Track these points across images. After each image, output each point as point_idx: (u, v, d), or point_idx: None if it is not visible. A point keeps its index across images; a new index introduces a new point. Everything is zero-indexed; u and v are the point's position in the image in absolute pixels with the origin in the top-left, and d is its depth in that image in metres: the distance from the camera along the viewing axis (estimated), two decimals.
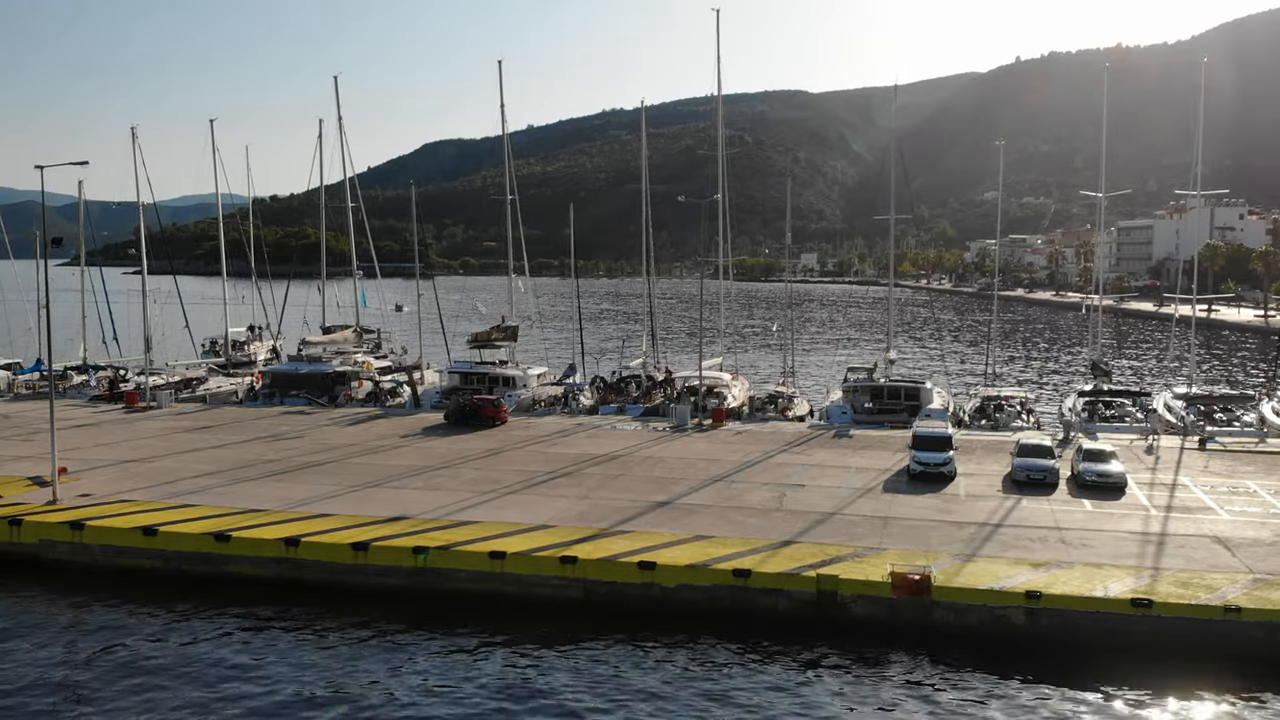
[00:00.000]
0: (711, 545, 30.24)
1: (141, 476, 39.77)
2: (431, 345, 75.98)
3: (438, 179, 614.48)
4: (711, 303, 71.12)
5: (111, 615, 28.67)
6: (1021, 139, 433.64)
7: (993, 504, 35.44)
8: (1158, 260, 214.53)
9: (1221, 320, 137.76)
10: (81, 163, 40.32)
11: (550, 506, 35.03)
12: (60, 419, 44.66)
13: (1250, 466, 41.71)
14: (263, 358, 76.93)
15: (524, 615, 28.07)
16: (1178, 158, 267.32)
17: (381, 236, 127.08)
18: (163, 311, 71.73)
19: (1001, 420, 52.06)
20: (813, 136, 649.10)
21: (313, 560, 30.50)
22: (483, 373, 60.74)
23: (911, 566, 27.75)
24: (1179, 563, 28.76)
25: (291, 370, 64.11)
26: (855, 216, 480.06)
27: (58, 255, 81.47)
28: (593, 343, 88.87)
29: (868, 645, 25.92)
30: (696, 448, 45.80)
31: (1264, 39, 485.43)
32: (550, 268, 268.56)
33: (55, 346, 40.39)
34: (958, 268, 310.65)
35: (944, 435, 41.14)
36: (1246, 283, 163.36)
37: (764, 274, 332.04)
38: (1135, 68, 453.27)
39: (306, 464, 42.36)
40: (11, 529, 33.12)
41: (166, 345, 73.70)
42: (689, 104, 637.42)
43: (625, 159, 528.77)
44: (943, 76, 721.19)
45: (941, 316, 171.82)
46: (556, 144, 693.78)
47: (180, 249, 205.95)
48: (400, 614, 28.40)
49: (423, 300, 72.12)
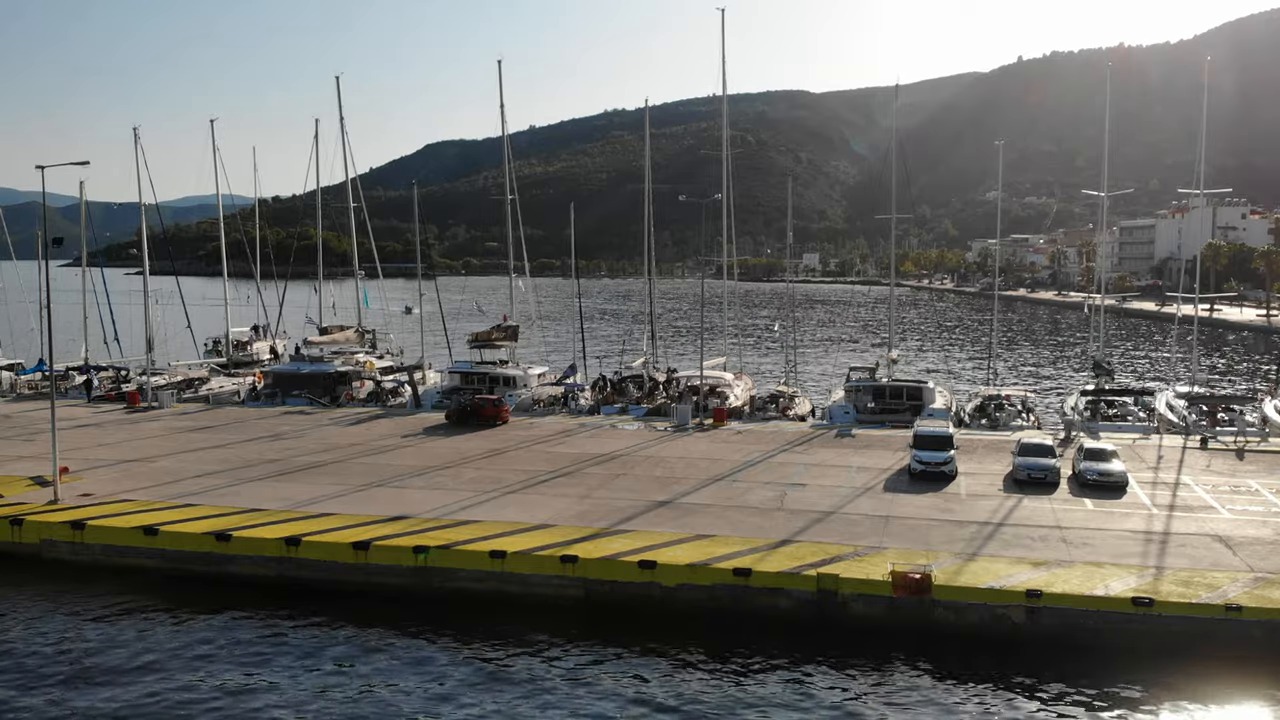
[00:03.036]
0: (712, 544, 30.23)
1: (143, 476, 39.80)
2: (433, 345, 76.03)
3: (440, 179, 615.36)
4: (715, 302, 71.22)
5: (112, 615, 28.68)
6: (1024, 139, 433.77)
7: (994, 503, 35.40)
8: (1160, 260, 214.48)
9: (1224, 320, 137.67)
10: (82, 163, 40.33)
11: (551, 506, 35.03)
12: (62, 419, 44.75)
13: (1253, 466, 41.66)
14: (267, 357, 77.05)
15: (525, 614, 28.06)
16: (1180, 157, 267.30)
17: (384, 237, 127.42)
18: (164, 312, 71.85)
19: (1002, 419, 52.00)
20: (814, 136, 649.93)
21: (314, 560, 30.51)
22: (484, 373, 60.76)
23: (912, 565, 27.73)
24: (1180, 561, 28.72)
25: (293, 370, 64.17)
26: (857, 216, 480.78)
27: (60, 256, 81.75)
28: (594, 343, 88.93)
29: (868, 644, 25.89)
30: (698, 447, 45.79)
31: (1266, 38, 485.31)
32: (552, 268, 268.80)
33: (57, 347, 40.39)
34: (960, 267, 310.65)
35: (945, 434, 41.11)
36: (1249, 282, 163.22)
37: (766, 274, 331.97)
38: (1137, 67, 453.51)
39: (308, 464, 42.38)
40: (13, 528, 33.17)
41: (168, 346, 73.79)
42: (691, 104, 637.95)
43: (627, 159, 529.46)
44: (944, 76, 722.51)
45: (943, 316, 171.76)
46: (559, 144, 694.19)
47: (183, 249, 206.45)
48: (401, 613, 28.41)
49: (429, 301, 72.11)
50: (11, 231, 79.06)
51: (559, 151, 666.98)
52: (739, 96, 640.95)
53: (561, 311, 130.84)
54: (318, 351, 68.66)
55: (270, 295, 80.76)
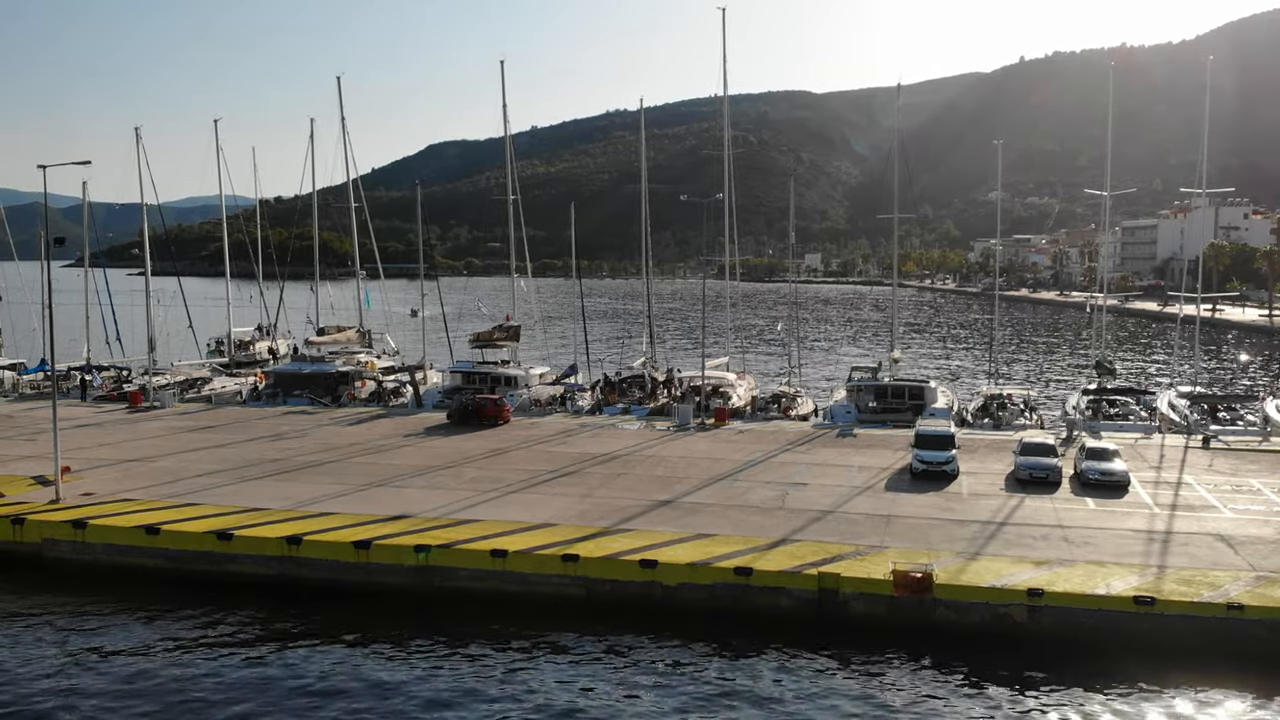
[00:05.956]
0: (713, 544, 30.21)
1: (144, 476, 39.81)
2: (434, 345, 76.05)
3: (442, 180, 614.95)
4: (718, 303, 71.16)
5: (113, 614, 28.69)
6: (1026, 139, 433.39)
7: (995, 502, 35.37)
8: (1162, 260, 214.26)
9: (1226, 320, 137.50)
10: (84, 162, 40.41)
11: (552, 505, 35.01)
12: (63, 419, 44.76)
13: (1254, 465, 41.61)
14: (266, 357, 77.08)
15: (526, 613, 28.06)
16: (1183, 157, 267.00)
17: (386, 237, 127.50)
18: (166, 312, 71.89)
19: (1004, 419, 51.97)
20: (816, 137, 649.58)
21: (315, 559, 30.51)
22: (485, 372, 60.76)
23: (913, 565, 27.70)
24: (1182, 560, 28.69)
25: (295, 370, 64.22)
26: (859, 217, 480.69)
27: (62, 256, 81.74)
28: (595, 343, 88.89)
29: (869, 643, 25.86)
30: (699, 447, 45.77)
31: (1268, 39, 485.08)
32: (554, 268, 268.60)
33: (59, 348, 40.41)
34: (961, 268, 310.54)
35: (946, 434, 41.09)
36: (1251, 282, 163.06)
37: (768, 274, 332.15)
38: (1140, 67, 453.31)
39: (309, 463, 42.38)
40: (14, 528, 33.17)
41: (170, 346, 73.81)
42: (692, 105, 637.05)
43: (629, 159, 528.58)
44: (946, 76, 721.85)
45: (945, 316, 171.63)
46: (560, 145, 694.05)
47: (185, 250, 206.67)
48: (402, 612, 28.41)
49: (432, 303, 72.10)
50: (13, 232, 79.10)
51: (561, 152, 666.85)
52: (740, 97, 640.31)
53: (563, 312, 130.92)
54: (316, 352, 68.68)
55: (272, 295, 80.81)
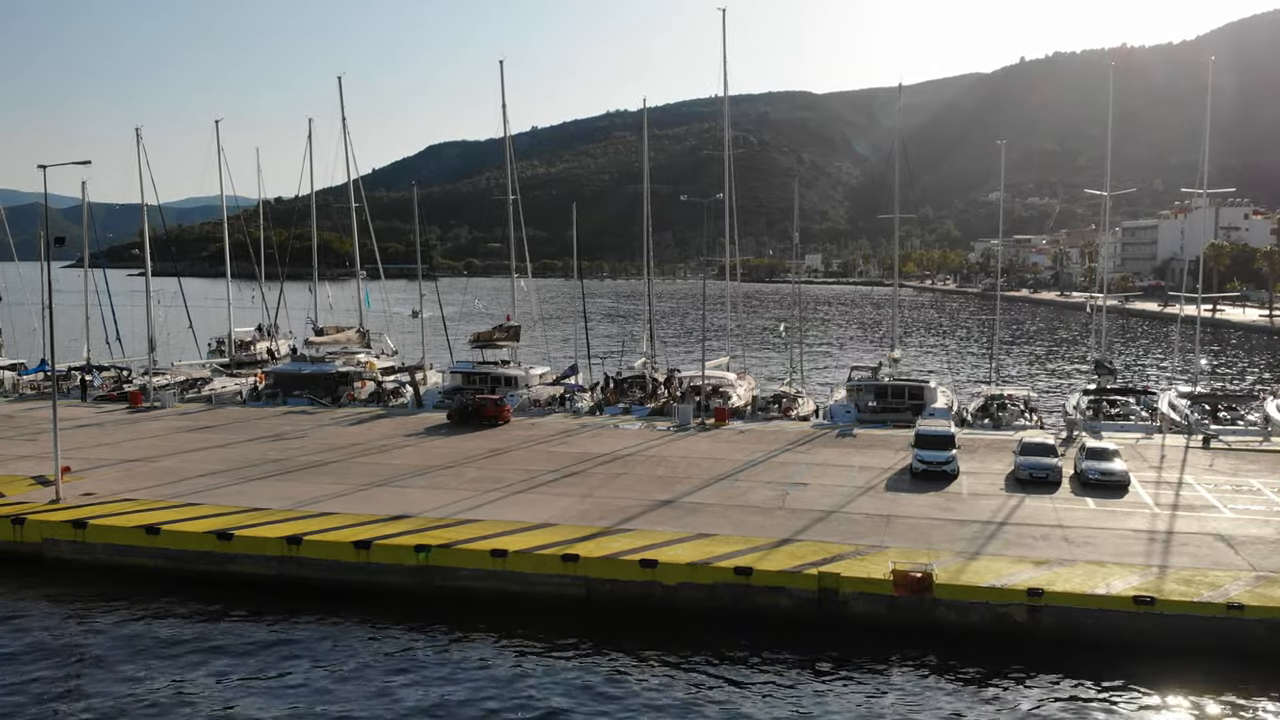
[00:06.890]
0: (713, 543, 30.21)
1: (144, 476, 39.83)
2: (434, 345, 76.03)
3: (442, 180, 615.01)
4: (719, 303, 71.14)
5: (114, 614, 28.69)
6: (1026, 139, 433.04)
7: (995, 502, 35.37)
8: (1162, 260, 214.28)
9: (1226, 320, 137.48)
10: (84, 162, 40.38)
11: (552, 505, 35.01)
12: (63, 419, 44.77)
13: (1255, 465, 41.60)
14: (264, 358, 77.07)
15: (526, 613, 28.06)
16: (1183, 157, 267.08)
17: (386, 238, 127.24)
18: (167, 313, 71.89)
19: (1004, 419, 51.97)
20: (816, 137, 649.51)
21: (315, 559, 30.52)
22: (485, 373, 60.77)
23: (913, 564, 27.70)
24: (1182, 560, 28.68)
25: (295, 370, 64.24)
26: (859, 217, 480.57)
27: (63, 256, 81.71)
28: (596, 343, 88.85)
29: (869, 643, 25.87)
30: (699, 447, 45.77)
31: (1268, 39, 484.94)
32: (554, 269, 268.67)
33: (59, 348, 40.42)
34: (962, 268, 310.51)
35: (946, 434, 41.09)
36: (1251, 282, 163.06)
37: (768, 275, 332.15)
38: (1140, 68, 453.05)
39: (309, 464, 42.39)
40: (15, 528, 33.19)
41: (171, 346, 73.82)
42: (693, 105, 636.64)
43: (629, 160, 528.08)
44: (947, 77, 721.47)
45: (946, 316, 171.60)
46: (560, 145, 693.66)
47: (185, 250, 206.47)
48: (402, 612, 28.40)
49: (431, 304, 72.07)
50: (14, 232, 79.12)
51: (561, 152, 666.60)
52: (741, 97, 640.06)
53: (564, 312, 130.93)
54: (316, 352, 68.67)
55: (273, 296, 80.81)
